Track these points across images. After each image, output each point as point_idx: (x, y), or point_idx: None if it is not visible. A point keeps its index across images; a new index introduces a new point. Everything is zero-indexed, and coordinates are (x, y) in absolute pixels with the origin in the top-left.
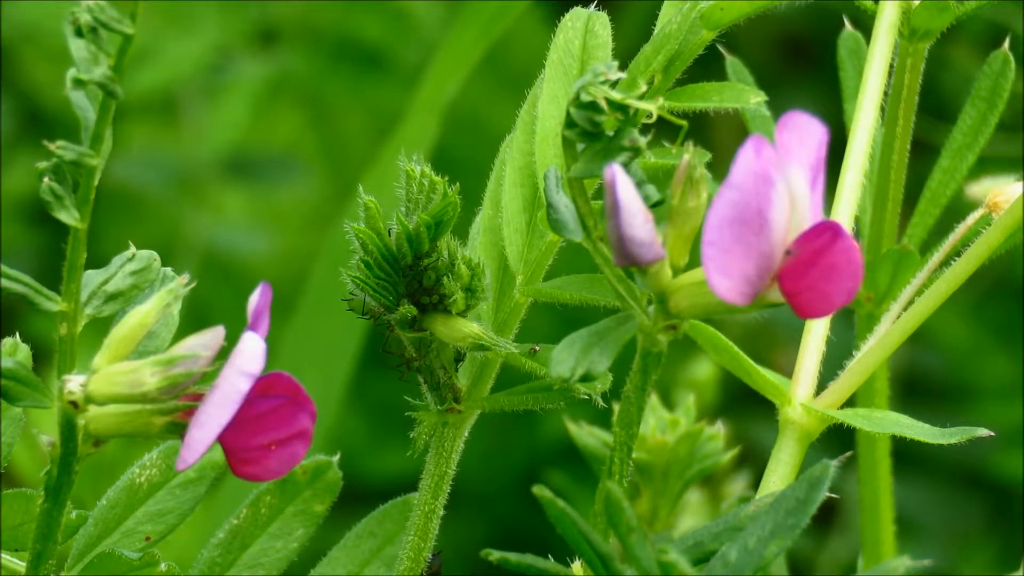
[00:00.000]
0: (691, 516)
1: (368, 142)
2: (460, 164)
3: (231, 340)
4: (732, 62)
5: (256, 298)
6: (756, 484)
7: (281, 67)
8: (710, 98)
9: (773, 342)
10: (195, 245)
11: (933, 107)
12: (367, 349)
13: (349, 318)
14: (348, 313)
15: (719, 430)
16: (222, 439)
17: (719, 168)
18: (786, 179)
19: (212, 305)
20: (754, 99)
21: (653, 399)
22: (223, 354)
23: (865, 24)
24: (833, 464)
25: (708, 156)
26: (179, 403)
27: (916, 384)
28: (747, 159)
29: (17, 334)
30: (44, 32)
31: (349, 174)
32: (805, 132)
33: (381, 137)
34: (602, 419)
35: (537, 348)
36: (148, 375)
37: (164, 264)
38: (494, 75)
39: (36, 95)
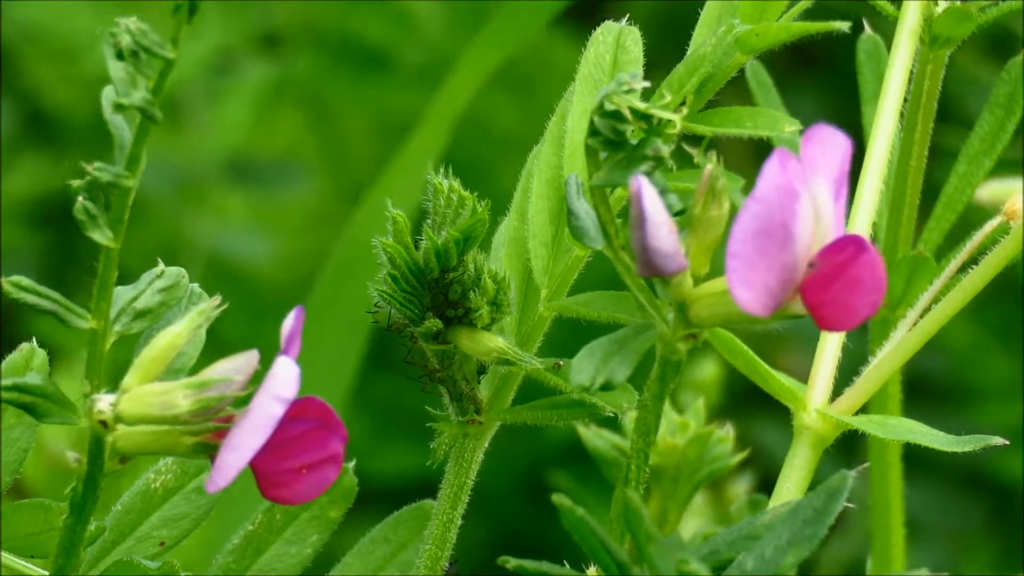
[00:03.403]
0: (695, 517)
1: (370, 143)
2: (464, 167)
3: (232, 338)
4: (753, 66)
5: (289, 322)
6: (759, 485)
7: (283, 69)
8: (743, 124)
9: (778, 344)
10: (197, 248)
11: (938, 109)
12: (370, 350)
13: (354, 321)
14: (353, 316)
15: (728, 433)
16: (253, 462)
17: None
18: (810, 192)
19: None
20: (788, 127)
21: None
22: (256, 377)
23: (880, 28)
24: (851, 475)
25: (741, 182)
26: (209, 425)
27: (918, 385)
28: (772, 172)
29: (34, 339)
30: (46, 33)
31: (351, 175)
32: (830, 145)
33: (383, 138)
34: (609, 421)
35: (561, 363)
36: (181, 397)
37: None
38: (499, 79)
39: (38, 96)
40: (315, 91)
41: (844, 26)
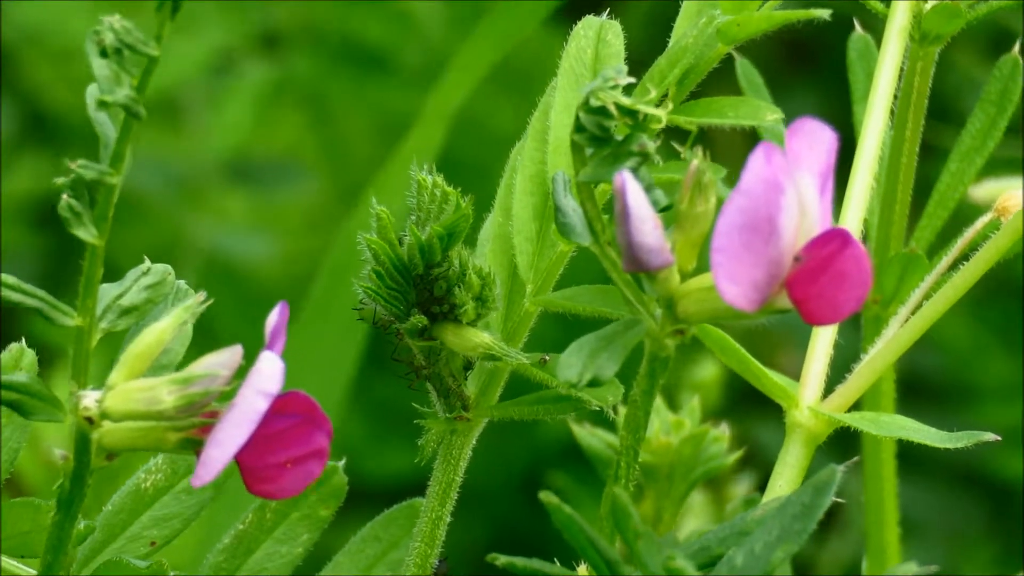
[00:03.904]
0: (694, 518)
1: (370, 144)
2: (462, 166)
3: (231, 339)
4: (743, 64)
5: (274, 317)
6: (759, 485)
7: (283, 69)
8: (725, 114)
9: (774, 343)
10: (197, 248)
11: (934, 108)
12: (367, 350)
13: (351, 321)
14: (350, 316)
15: (724, 432)
16: (238, 457)
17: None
18: (796, 186)
19: (214, 308)
20: (770, 116)
21: (657, 401)
22: (240, 371)
23: (872, 26)
24: (840, 469)
25: (723, 172)
26: (195, 420)
27: (916, 384)
28: (757, 165)
29: (23, 339)
30: (46, 33)
31: (351, 176)
32: (815, 138)
33: (383, 139)
34: (606, 420)
35: (547, 358)
36: (165, 393)
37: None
38: (496, 77)
39: (38, 96)
40: (315, 91)
41: (825, 14)
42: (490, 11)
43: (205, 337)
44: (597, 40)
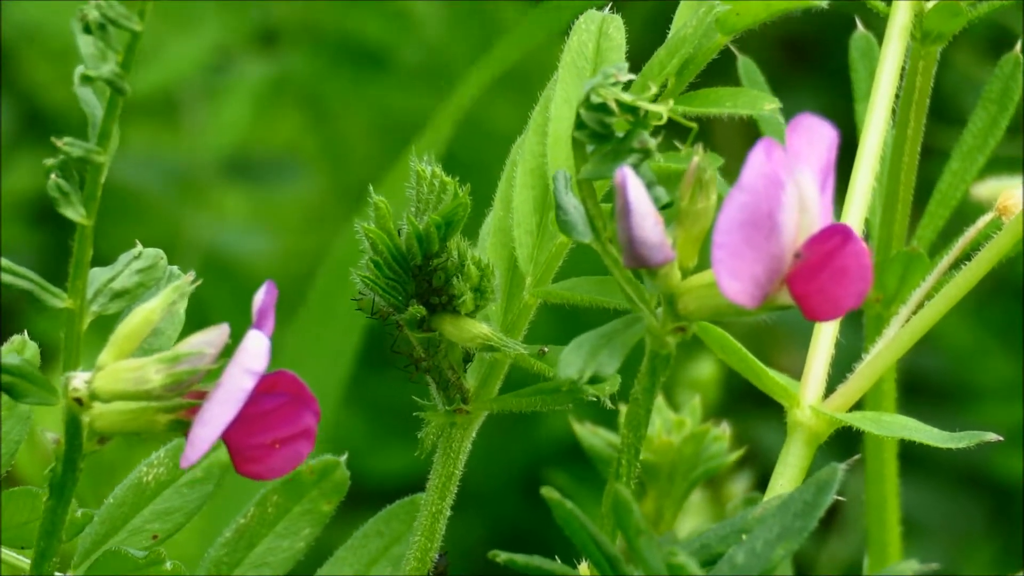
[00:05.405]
0: (693, 516)
1: (369, 142)
2: (466, 164)
3: (234, 339)
4: (744, 62)
5: (261, 296)
6: (758, 484)
7: (281, 67)
8: (724, 103)
9: (776, 342)
10: (196, 245)
11: (934, 108)
12: (367, 348)
13: (350, 318)
14: (349, 313)
15: (724, 431)
16: (226, 437)
17: (722, 167)
18: (796, 182)
19: (212, 305)
20: (768, 105)
21: (658, 400)
22: (227, 352)
23: (873, 26)
24: (841, 467)
25: (720, 161)
26: (183, 401)
27: (917, 384)
28: (757, 162)
29: (25, 332)
30: (45, 32)
31: (350, 174)
32: (815, 135)
33: (382, 137)
34: (607, 419)
35: (546, 349)
36: (153, 372)
37: None
38: (500, 79)
39: (37, 95)
40: (314, 90)
41: (823, 3)
42: (491, 13)
43: (183, 315)
44: (599, 34)
